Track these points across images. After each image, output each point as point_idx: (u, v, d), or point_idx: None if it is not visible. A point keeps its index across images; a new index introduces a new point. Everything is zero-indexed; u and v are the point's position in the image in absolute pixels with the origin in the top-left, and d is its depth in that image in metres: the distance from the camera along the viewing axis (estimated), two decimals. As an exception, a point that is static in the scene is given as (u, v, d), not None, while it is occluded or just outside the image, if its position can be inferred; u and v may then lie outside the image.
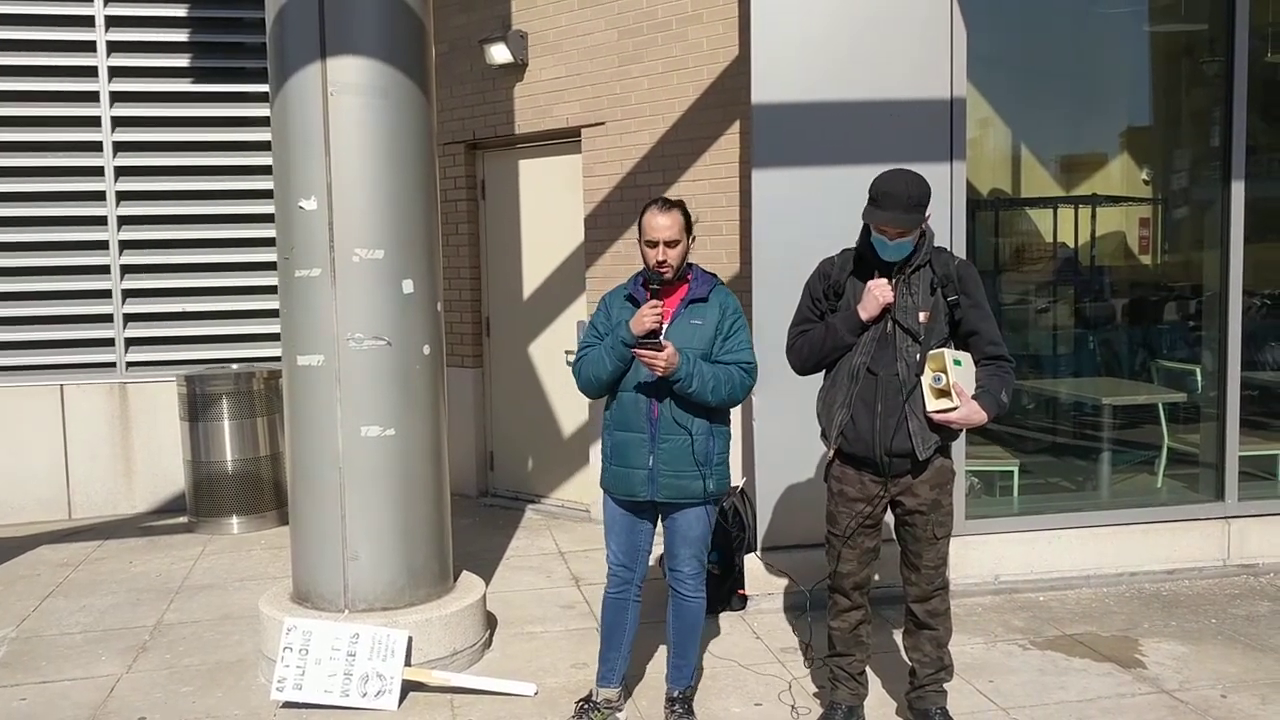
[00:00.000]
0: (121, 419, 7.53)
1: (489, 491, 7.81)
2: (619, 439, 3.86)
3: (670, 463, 3.79)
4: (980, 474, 5.88)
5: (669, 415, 3.77)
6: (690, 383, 3.69)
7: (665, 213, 3.77)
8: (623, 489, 3.87)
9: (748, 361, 3.82)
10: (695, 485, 3.81)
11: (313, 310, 4.49)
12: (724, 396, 3.76)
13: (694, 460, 3.79)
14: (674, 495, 3.82)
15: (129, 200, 7.54)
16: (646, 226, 3.78)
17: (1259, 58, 5.88)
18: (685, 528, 3.89)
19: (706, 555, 3.98)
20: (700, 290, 3.85)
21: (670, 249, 3.76)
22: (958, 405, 3.59)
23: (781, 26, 5.10)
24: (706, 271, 3.95)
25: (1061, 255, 6.34)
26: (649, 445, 3.80)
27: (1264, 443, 6.18)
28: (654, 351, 3.62)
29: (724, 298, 3.87)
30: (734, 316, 3.85)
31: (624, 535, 3.96)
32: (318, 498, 4.56)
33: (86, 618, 5.42)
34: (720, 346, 3.80)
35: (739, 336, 3.83)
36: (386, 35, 4.46)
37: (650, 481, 3.81)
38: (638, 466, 3.82)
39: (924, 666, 3.89)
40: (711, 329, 3.80)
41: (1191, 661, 4.63)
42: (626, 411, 3.83)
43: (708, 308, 3.83)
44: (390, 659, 4.30)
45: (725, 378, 3.75)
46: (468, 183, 7.59)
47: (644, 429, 3.80)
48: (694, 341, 3.76)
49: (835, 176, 5.11)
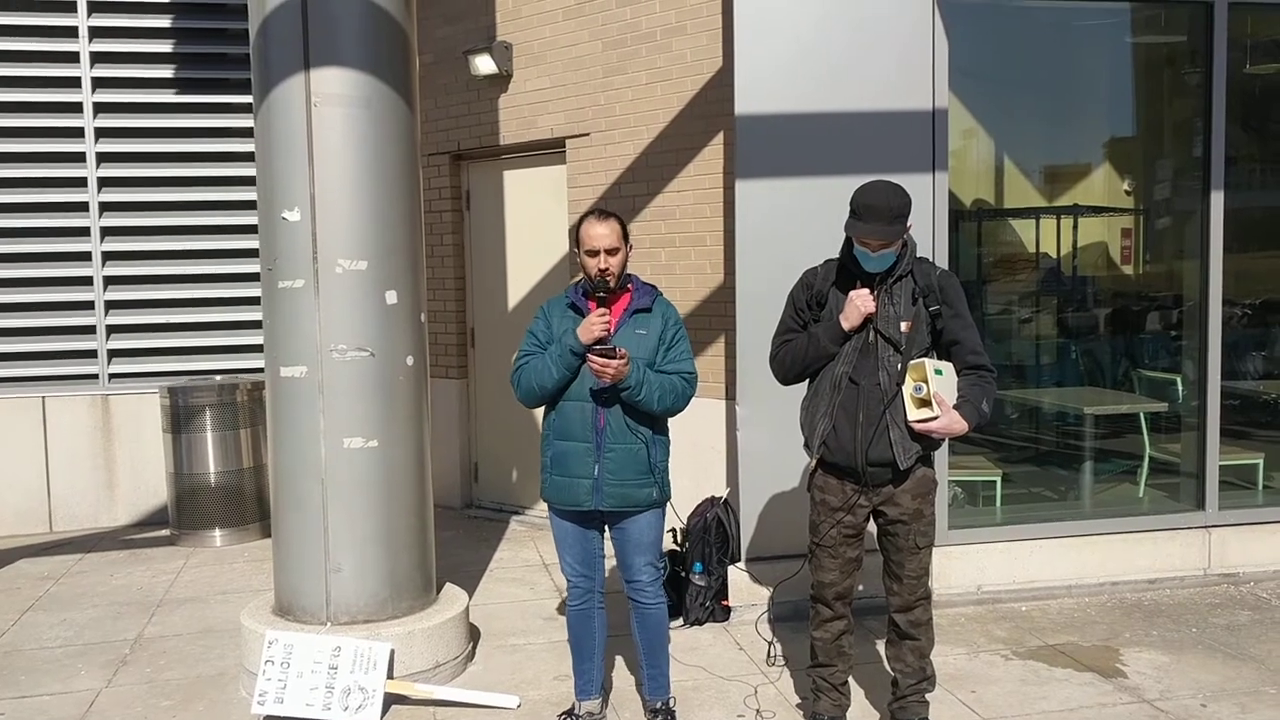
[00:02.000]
0: (104, 431, 7.49)
1: (473, 503, 7.79)
2: (560, 449, 3.85)
3: (617, 471, 3.80)
4: (963, 484, 5.90)
5: (619, 424, 3.79)
6: (639, 390, 3.71)
7: (603, 222, 3.81)
8: (567, 499, 3.87)
9: (689, 372, 3.86)
10: (644, 493, 3.84)
11: (296, 321, 4.49)
12: (668, 405, 3.80)
13: (647, 467, 3.82)
14: (621, 504, 3.83)
15: (112, 211, 7.51)
16: (585, 237, 3.81)
17: (1238, 69, 5.93)
18: (637, 534, 3.90)
19: (661, 560, 3.99)
20: (643, 301, 3.88)
21: (610, 257, 3.79)
22: (939, 415, 3.60)
23: (764, 38, 5.13)
24: (645, 282, 3.98)
25: (1044, 265, 6.37)
26: (594, 454, 3.80)
27: (1244, 452, 6.22)
28: (606, 359, 3.63)
29: (666, 308, 3.92)
30: (676, 327, 3.90)
31: (577, 546, 3.98)
32: (300, 510, 4.55)
33: (66, 631, 5.38)
34: (663, 356, 3.84)
35: (681, 346, 3.88)
36: (370, 46, 4.46)
37: (595, 491, 3.81)
38: (581, 476, 3.82)
39: (906, 677, 3.89)
40: (655, 338, 3.84)
41: (1172, 671, 4.64)
42: (570, 421, 3.83)
43: (651, 318, 3.86)
44: (372, 672, 4.28)
45: (670, 386, 3.78)
46: (453, 193, 7.59)
47: (588, 438, 3.80)
48: (639, 350, 3.78)
49: (818, 187, 5.14)
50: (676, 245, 6.36)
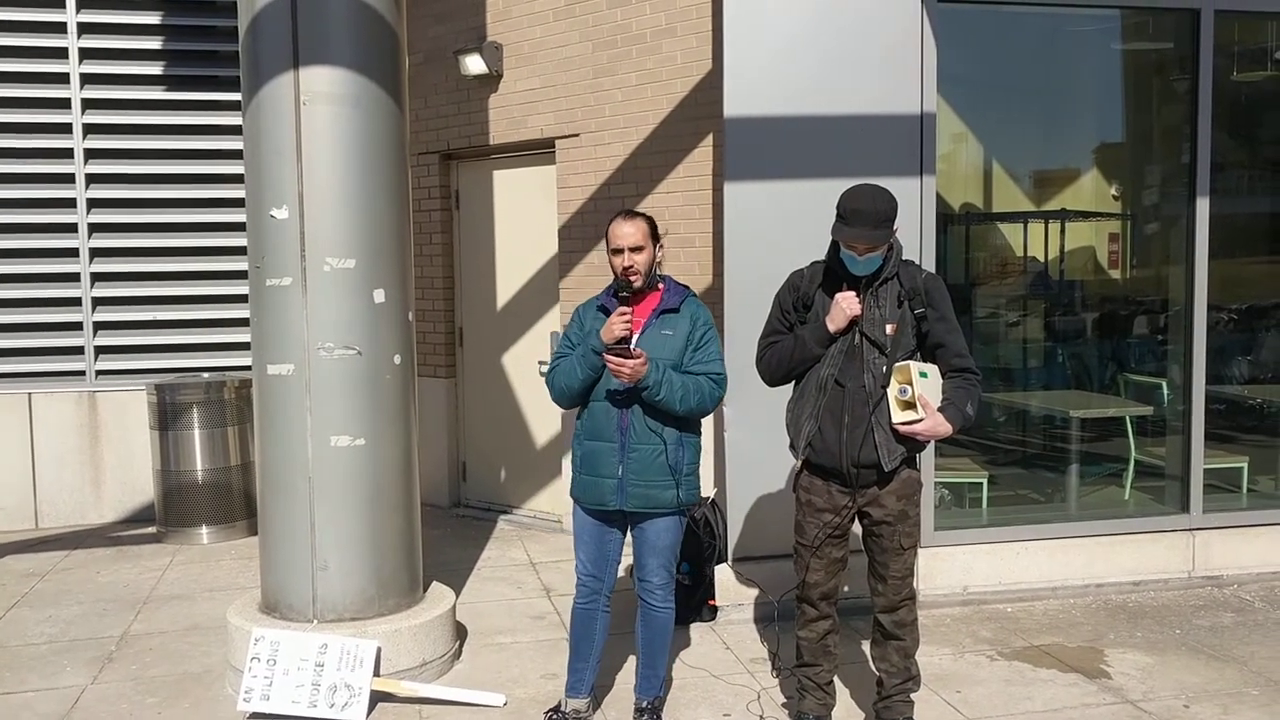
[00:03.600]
0: (90, 428, 7.47)
1: (461, 502, 7.79)
2: (589, 448, 3.88)
3: (640, 472, 3.80)
4: (950, 486, 5.92)
5: (640, 424, 3.79)
6: (659, 390, 3.71)
7: (629, 221, 3.83)
8: (592, 498, 3.89)
9: (717, 373, 3.84)
10: (665, 495, 3.83)
11: (283, 319, 4.48)
12: (692, 406, 3.78)
13: (667, 469, 3.81)
14: (643, 505, 3.83)
15: (100, 208, 7.49)
16: (612, 235, 3.83)
17: (1224, 76, 5.96)
18: (654, 537, 3.90)
19: (675, 565, 3.99)
20: (672, 301, 3.88)
21: (636, 255, 3.80)
22: (923, 417, 3.62)
23: (753, 41, 5.14)
24: (679, 283, 3.98)
25: (1031, 269, 6.40)
26: (619, 455, 3.81)
27: (1229, 455, 6.26)
28: (621, 358, 3.64)
29: (695, 309, 3.90)
30: (705, 328, 3.87)
31: (593, 545, 3.98)
32: (287, 507, 4.54)
33: (52, 628, 5.37)
34: (690, 357, 3.83)
35: (709, 348, 3.86)
36: (360, 45, 4.46)
37: (619, 491, 3.82)
38: (607, 476, 3.83)
39: (891, 677, 3.91)
40: (682, 340, 3.83)
41: (1156, 672, 4.67)
42: (597, 421, 3.85)
43: (679, 319, 3.86)
44: (359, 669, 4.28)
45: (694, 387, 3.77)
46: (442, 193, 7.59)
47: (614, 438, 3.81)
48: (664, 352, 3.78)
49: (806, 190, 5.15)
50: (666, 246, 6.34)
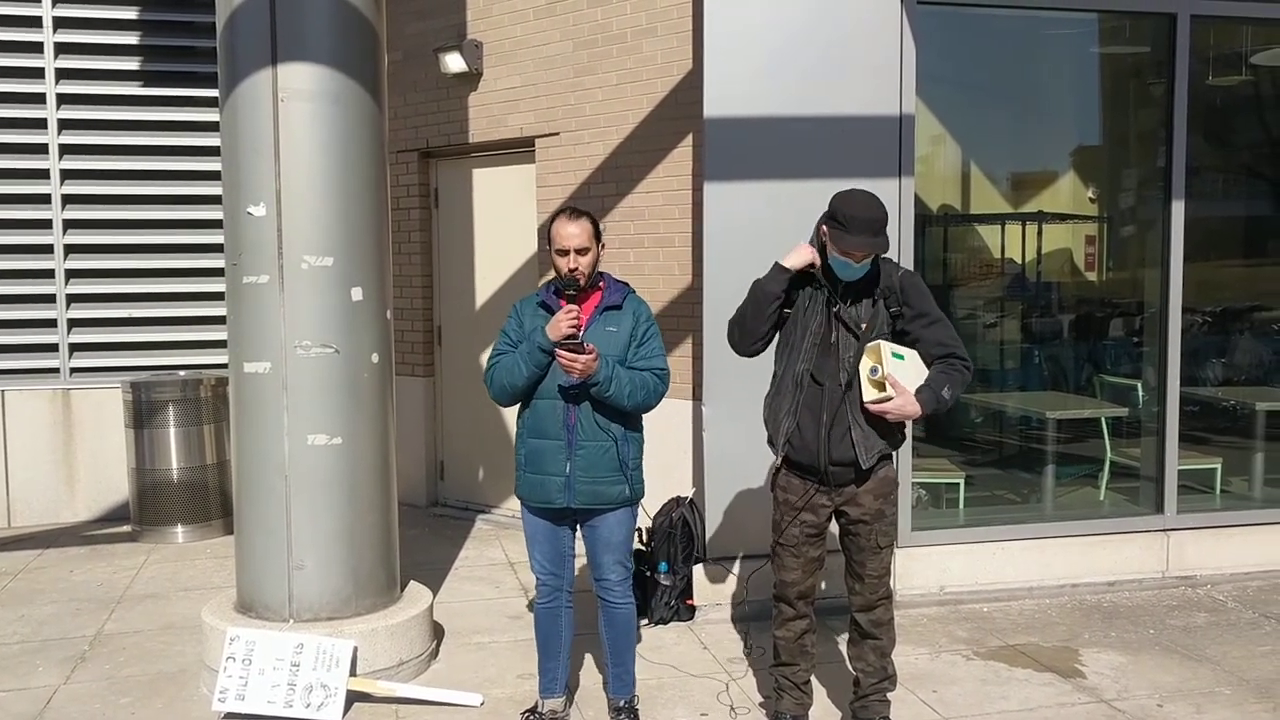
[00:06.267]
0: (64, 425, 7.40)
1: (439, 501, 7.76)
2: (534, 446, 3.87)
3: (588, 469, 3.80)
4: (927, 486, 5.94)
5: (589, 421, 3.79)
6: (609, 386, 3.72)
7: (574, 221, 3.81)
8: (539, 496, 3.88)
9: (661, 368, 3.88)
10: (614, 490, 3.84)
11: (260, 317, 4.46)
12: (639, 401, 3.80)
13: (617, 464, 3.82)
14: (591, 501, 3.83)
15: (74, 204, 7.42)
16: (555, 235, 3.81)
17: (1200, 80, 6.02)
18: (607, 533, 3.90)
19: (630, 559, 4.00)
20: (614, 298, 3.89)
21: (581, 256, 3.80)
22: (892, 395, 3.62)
23: (733, 42, 5.15)
24: (618, 280, 3.99)
25: (1009, 271, 6.43)
26: (565, 452, 3.81)
27: (1203, 457, 6.31)
28: (574, 354, 3.63)
29: (637, 305, 3.93)
30: (647, 324, 3.91)
31: (547, 544, 3.98)
32: (263, 506, 4.52)
33: (24, 628, 5.32)
34: (634, 353, 3.85)
35: (652, 344, 3.89)
36: (338, 42, 4.44)
37: (567, 488, 3.82)
38: (553, 473, 3.83)
39: (868, 676, 3.92)
40: (626, 335, 3.85)
41: (1130, 671, 4.70)
42: (542, 418, 3.84)
43: (622, 315, 3.88)
44: (335, 669, 4.26)
45: (640, 383, 3.80)
46: (420, 191, 7.57)
47: (560, 435, 3.81)
48: (609, 348, 3.79)
49: (785, 191, 5.16)
50: (645, 246, 6.37)
